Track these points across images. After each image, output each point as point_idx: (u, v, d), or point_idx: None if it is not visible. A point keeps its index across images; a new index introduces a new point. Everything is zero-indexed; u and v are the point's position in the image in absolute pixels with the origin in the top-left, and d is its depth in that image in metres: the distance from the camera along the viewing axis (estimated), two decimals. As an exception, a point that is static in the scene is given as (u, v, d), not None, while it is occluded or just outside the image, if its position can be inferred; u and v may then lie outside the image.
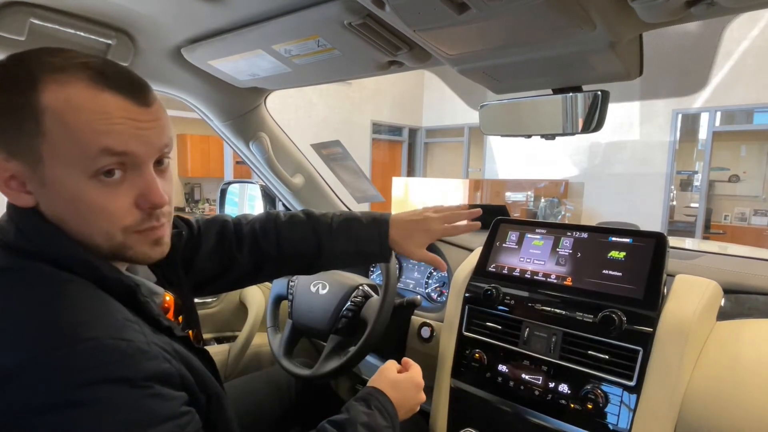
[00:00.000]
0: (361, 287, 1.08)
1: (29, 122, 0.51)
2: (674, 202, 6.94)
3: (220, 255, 0.89)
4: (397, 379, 0.80)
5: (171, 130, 0.59)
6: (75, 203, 0.54)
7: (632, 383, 0.79)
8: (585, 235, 0.96)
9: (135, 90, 0.55)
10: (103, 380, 0.47)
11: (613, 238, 0.92)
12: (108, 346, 0.49)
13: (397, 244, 0.91)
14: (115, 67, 0.56)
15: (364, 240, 0.91)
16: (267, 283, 1.59)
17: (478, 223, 0.95)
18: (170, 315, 0.70)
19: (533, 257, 1.00)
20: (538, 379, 0.89)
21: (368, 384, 0.79)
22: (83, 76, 0.53)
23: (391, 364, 0.84)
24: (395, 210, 1.30)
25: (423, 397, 0.83)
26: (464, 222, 0.94)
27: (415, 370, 0.83)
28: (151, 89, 0.58)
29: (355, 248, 0.92)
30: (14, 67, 0.53)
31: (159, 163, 0.59)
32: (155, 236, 0.60)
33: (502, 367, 0.95)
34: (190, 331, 0.73)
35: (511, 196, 6.31)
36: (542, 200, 6.41)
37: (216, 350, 1.45)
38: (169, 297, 0.71)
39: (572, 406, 0.84)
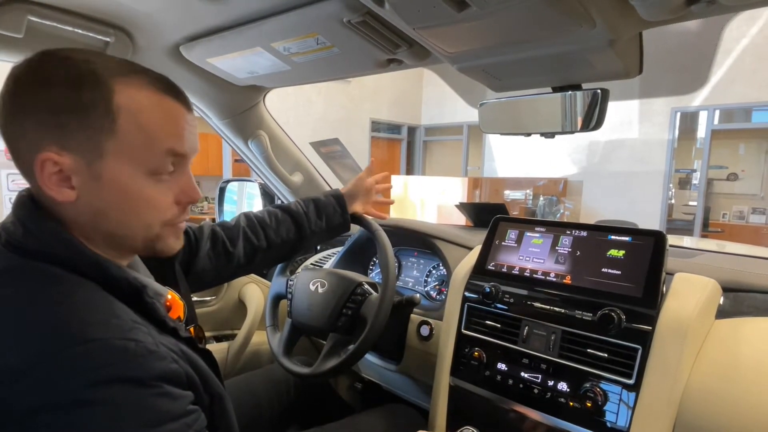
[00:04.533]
0: (360, 285, 1.08)
1: (102, 119, 0.53)
2: (673, 201, 6.95)
3: (217, 254, 1.01)
4: None
5: None
6: (126, 197, 0.57)
7: (631, 381, 0.79)
8: (584, 233, 0.96)
9: (183, 96, 0.60)
10: (111, 380, 0.48)
11: (612, 237, 0.92)
12: (117, 346, 0.49)
13: (351, 207, 1.19)
14: (162, 75, 0.60)
15: (330, 215, 1.15)
16: (266, 282, 1.59)
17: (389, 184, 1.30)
18: (173, 313, 0.70)
19: (532, 255, 1.00)
20: (537, 378, 0.89)
21: None
22: (146, 80, 0.57)
23: None
24: (394, 208, 1.30)
25: None
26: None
27: None
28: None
29: (325, 224, 1.15)
30: (80, 66, 0.54)
31: None
32: (180, 229, 0.65)
33: (502, 366, 0.95)
34: (191, 328, 0.73)
35: (510, 195, 6.30)
36: (541, 198, 6.41)
37: (215, 348, 1.45)
38: (171, 294, 0.71)
39: (571, 404, 0.84)
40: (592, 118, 0.90)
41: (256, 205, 1.72)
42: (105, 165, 0.55)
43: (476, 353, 0.98)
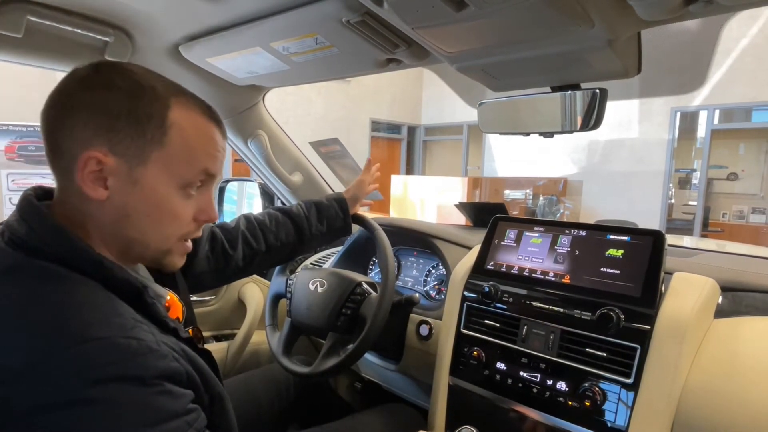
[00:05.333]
0: (359, 285, 1.08)
1: (156, 131, 0.57)
2: (673, 200, 6.95)
3: (216, 256, 1.01)
4: None
5: None
6: (157, 206, 0.60)
7: (630, 381, 0.79)
8: (583, 233, 0.96)
9: (222, 125, 0.66)
10: (114, 378, 0.48)
11: (611, 236, 0.92)
12: (119, 344, 0.50)
13: (352, 209, 1.21)
14: (207, 103, 0.65)
15: (332, 218, 1.16)
16: (266, 281, 1.60)
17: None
18: (171, 313, 0.71)
19: (531, 255, 1.00)
20: (537, 377, 0.89)
21: None
22: (195, 103, 0.62)
23: None
24: (394, 207, 1.31)
25: None
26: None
27: None
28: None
29: (326, 227, 1.15)
30: (142, 79, 0.58)
31: None
32: (188, 248, 0.67)
33: (501, 365, 0.95)
34: (191, 329, 0.73)
35: (510, 194, 6.30)
36: (541, 198, 6.41)
37: (215, 348, 1.45)
38: (170, 296, 0.72)
39: (570, 403, 0.84)
40: (591, 118, 0.90)
41: (256, 205, 1.72)
42: (145, 172, 0.58)
43: (475, 353, 0.98)
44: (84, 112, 0.56)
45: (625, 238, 0.90)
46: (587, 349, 0.85)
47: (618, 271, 0.88)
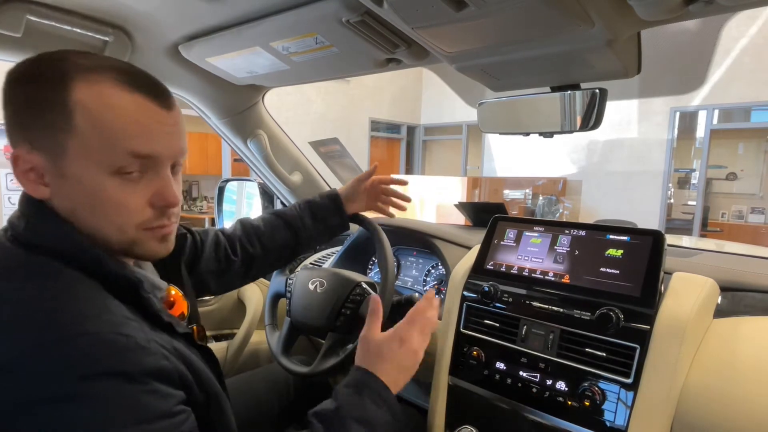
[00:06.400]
0: (359, 285, 1.08)
1: (59, 117, 0.53)
2: (672, 200, 6.95)
3: (219, 259, 1.01)
4: (381, 348, 0.76)
5: (186, 136, 0.62)
6: (92, 197, 0.55)
7: (629, 380, 0.79)
8: (583, 233, 0.96)
9: (159, 93, 0.57)
10: (101, 374, 0.48)
11: (611, 236, 0.92)
12: (108, 340, 0.49)
13: (350, 207, 1.16)
14: (140, 70, 0.58)
15: (328, 215, 1.13)
16: (265, 281, 1.59)
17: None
18: (176, 309, 0.70)
19: (531, 255, 1.00)
20: (536, 377, 0.90)
21: (355, 363, 0.76)
22: (112, 76, 0.54)
23: (370, 330, 0.80)
24: (393, 208, 1.31)
25: (418, 351, 0.79)
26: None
27: (398, 327, 0.80)
28: (171, 94, 0.60)
29: (323, 225, 1.13)
30: (43, 64, 0.55)
31: (173, 166, 0.61)
32: (163, 233, 0.61)
33: (500, 365, 0.95)
34: (195, 327, 0.73)
35: (510, 194, 6.31)
36: (540, 198, 6.41)
37: (214, 348, 1.45)
38: (174, 291, 0.71)
39: (570, 403, 0.85)
40: (591, 118, 0.90)
41: (256, 205, 1.72)
42: (68, 163, 0.54)
43: (475, 353, 0.98)
44: (5, 110, 0.54)
45: (625, 238, 0.91)
46: (587, 349, 0.85)
47: (617, 271, 0.88)
